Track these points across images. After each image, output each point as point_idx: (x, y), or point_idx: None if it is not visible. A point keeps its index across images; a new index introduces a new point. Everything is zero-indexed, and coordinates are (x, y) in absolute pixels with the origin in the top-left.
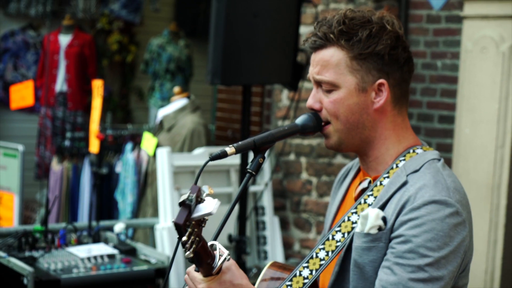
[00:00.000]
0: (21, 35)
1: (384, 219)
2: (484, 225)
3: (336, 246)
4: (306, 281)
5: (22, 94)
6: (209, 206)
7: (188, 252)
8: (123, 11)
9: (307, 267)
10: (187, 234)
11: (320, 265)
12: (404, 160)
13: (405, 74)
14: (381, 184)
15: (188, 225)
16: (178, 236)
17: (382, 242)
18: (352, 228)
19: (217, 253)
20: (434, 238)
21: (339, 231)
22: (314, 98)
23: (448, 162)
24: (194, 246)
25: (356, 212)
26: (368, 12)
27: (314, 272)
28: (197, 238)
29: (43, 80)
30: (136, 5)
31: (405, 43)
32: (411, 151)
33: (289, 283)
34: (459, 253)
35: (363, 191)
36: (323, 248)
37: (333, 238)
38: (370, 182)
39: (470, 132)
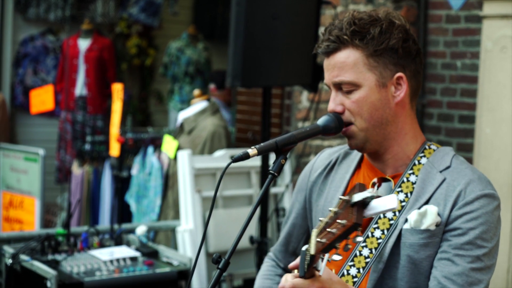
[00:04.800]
0: (41, 40)
1: (439, 214)
2: (506, 225)
3: (378, 243)
4: (355, 279)
5: (42, 98)
6: (389, 202)
7: (327, 254)
8: (141, 15)
9: (353, 265)
10: (361, 233)
11: (366, 262)
12: (424, 156)
13: (418, 65)
14: (408, 180)
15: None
16: (354, 236)
17: (438, 237)
18: (390, 225)
19: (319, 256)
20: (488, 230)
21: (377, 228)
22: (335, 102)
23: (469, 162)
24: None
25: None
26: (373, 12)
27: (361, 270)
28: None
29: (62, 84)
30: (155, 9)
31: (414, 36)
32: (427, 147)
33: None
34: (498, 242)
35: (373, 185)
36: (366, 246)
37: (372, 236)
38: (384, 180)
39: (490, 132)
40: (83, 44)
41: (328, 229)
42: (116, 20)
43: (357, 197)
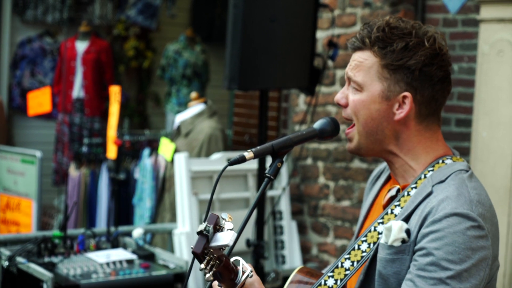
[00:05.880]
0: (38, 42)
1: (408, 231)
2: (502, 228)
3: (362, 257)
4: None
5: (40, 100)
6: (226, 237)
7: (208, 275)
8: (139, 17)
9: (332, 276)
10: (205, 261)
11: (345, 275)
12: (432, 170)
13: (436, 92)
14: (408, 194)
15: (206, 253)
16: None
17: (406, 255)
18: (378, 238)
19: (240, 269)
20: (456, 251)
21: (365, 241)
22: (343, 94)
23: None
24: (214, 269)
25: (382, 222)
26: (415, 24)
27: (339, 282)
28: (217, 262)
29: (60, 86)
30: (153, 11)
31: (444, 61)
32: (440, 161)
33: None
34: (481, 266)
35: (392, 199)
36: (349, 258)
37: (358, 248)
38: (398, 190)
39: (487, 135)
40: (81, 46)
41: None
42: (113, 23)
43: (199, 227)
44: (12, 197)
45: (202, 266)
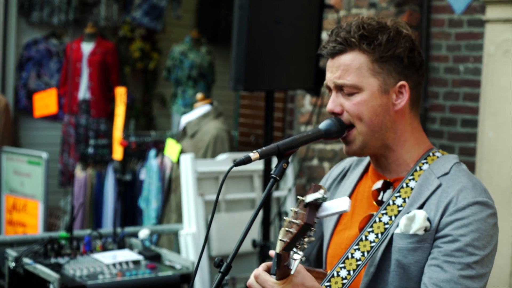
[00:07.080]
0: (44, 43)
1: (429, 220)
2: (509, 229)
3: (371, 247)
4: (345, 281)
5: (46, 102)
6: (340, 204)
7: (302, 254)
8: (145, 19)
9: (344, 267)
10: (312, 233)
11: (357, 265)
12: (426, 162)
13: (420, 77)
14: (407, 186)
15: (315, 224)
16: (303, 238)
17: (427, 243)
18: (385, 229)
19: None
20: (480, 237)
21: (372, 231)
22: (334, 102)
23: (472, 166)
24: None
25: (386, 213)
26: (381, 19)
27: (352, 272)
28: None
29: (66, 88)
30: (158, 13)
31: (419, 47)
32: (431, 154)
33: (328, 283)
34: (495, 251)
35: (379, 191)
36: (358, 249)
37: (366, 239)
38: (386, 183)
39: (493, 136)
40: (87, 47)
41: (288, 229)
42: (119, 24)
43: (309, 197)
44: (19, 198)
45: (313, 239)
